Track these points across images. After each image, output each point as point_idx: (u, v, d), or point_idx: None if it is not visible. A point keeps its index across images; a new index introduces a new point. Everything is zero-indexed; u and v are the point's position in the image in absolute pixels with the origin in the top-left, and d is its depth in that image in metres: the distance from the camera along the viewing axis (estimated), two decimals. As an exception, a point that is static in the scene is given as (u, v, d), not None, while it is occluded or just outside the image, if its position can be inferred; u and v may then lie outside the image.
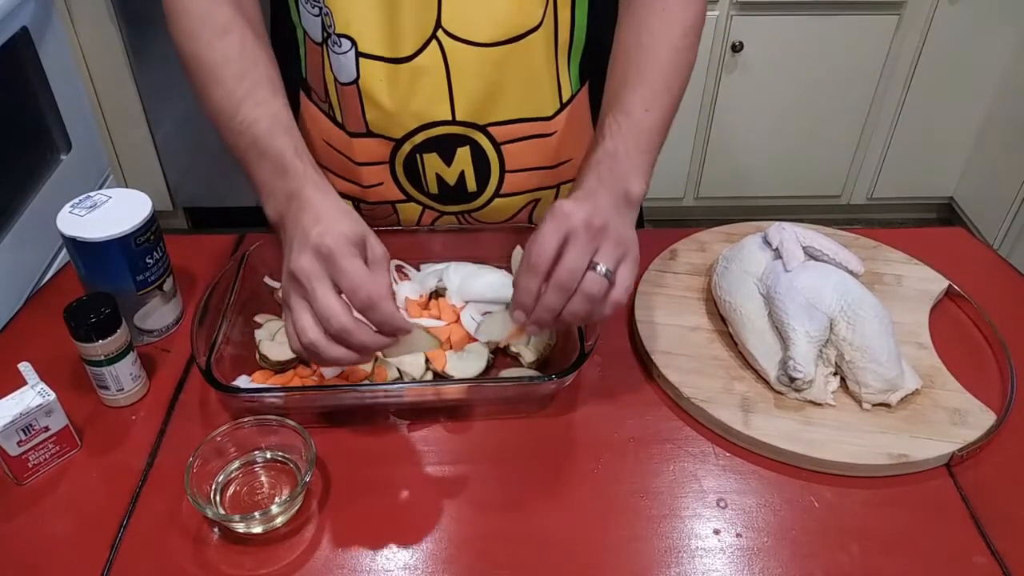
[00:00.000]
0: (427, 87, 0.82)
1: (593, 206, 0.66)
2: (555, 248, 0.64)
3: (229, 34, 0.75)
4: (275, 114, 0.73)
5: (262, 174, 0.72)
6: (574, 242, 0.64)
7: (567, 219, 0.64)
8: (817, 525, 0.67)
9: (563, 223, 0.64)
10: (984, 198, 2.36)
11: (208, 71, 0.74)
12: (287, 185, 0.69)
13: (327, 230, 0.63)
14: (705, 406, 0.75)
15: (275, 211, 0.70)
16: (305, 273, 0.62)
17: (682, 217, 2.50)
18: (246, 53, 0.75)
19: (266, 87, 0.74)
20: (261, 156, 0.71)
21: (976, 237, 1.05)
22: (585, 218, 0.64)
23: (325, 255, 0.62)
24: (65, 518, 0.68)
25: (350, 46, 0.80)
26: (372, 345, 0.63)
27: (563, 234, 0.64)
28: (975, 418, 0.74)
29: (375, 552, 0.65)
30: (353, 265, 0.62)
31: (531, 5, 0.79)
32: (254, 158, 0.72)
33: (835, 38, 2.15)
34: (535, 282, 0.65)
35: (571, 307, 0.66)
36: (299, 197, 0.67)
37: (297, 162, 0.70)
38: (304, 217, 0.65)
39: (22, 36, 1.56)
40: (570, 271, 0.64)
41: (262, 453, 0.71)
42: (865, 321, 0.77)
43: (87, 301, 0.72)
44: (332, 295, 0.62)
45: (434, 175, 0.89)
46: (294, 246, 0.64)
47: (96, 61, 2.14)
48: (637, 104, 0.74)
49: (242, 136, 0.72)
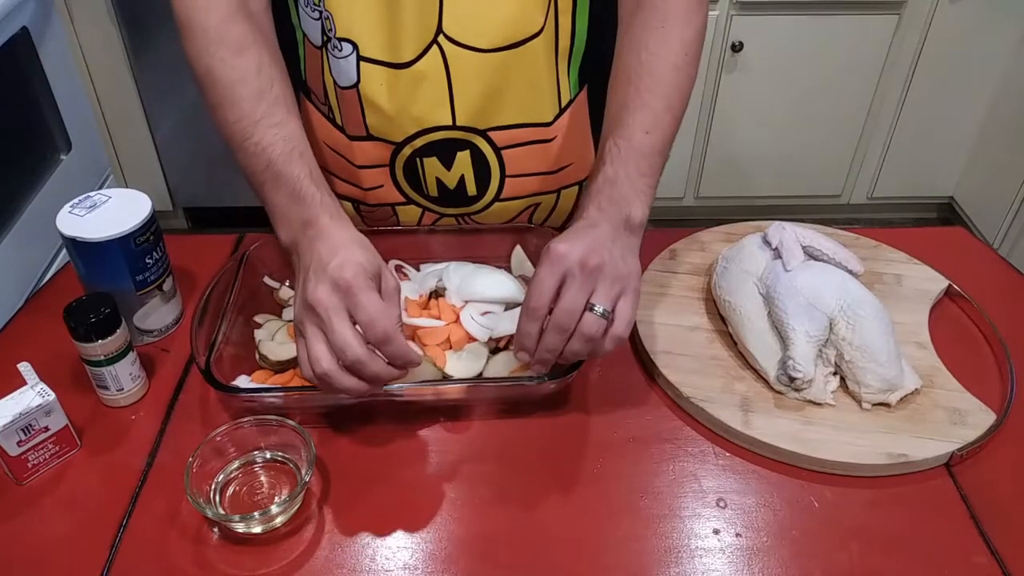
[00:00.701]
0: (428, 92, 0.82)
1: (590, 242, 0.67)
2: (552, 290, 0.66)
3: (246, 52, 0.75)
4: (290, 137, 0.73)
5: (276, 199, 0.72)
6: (570, 284, 0.66)
7: (562, 261, 0.66)
8: (817, 525, 0.67)
9: (559, 265, 0.66)
10: (984, 198, 2.36)
11: (224, 89, 0.74)
12: (302, 212, 0.70)
13: (345, 262, 0.64)
14: (705, 406, 0.75)
15: (289, 237, 0.71)
16: (323, 305, 0.63)
17: (682, 217, 2.50)
18: (262, 73, 0.75)
19: (282, 108, 0.74)
20: (276, 180, 0.72)
21: (976, 237, 1.05)
22: (580, 259, 0.66)
23: (344, 288, 0.63)
24: (65, 518, 0.68)
25: (351, 50, 0.80)
26: (384, 377, 0.65)
27: (559, 276, 0.66)
28: (975, 418, 0.74)
29: (375, 552, 0.65)
30: (370, 299, 0.63)
31: (533, 11, 0.79)
32: (268, 181, 0.72)
33: (835, 38, 2.15)
34: (535, 326, 0.68)
35: (571, 347, 0.67)
36: (314, 225, 0.68)
37: (313, 189, 0.71)
38: (320, 246, 0.66)
39: (22, 36, 1.56)
40: (567, 312, 0.66)
41: (262, 453, 0.71)
42: (865, 321, 0.77)
43: (87, 301, 0.72)
44: (348, 327, 0.63)
45: (434, 179, 0.89)
46: (310, 275, 0.65)
47: (96, 61, 2.14)
48: (637, 127, 0.74)
49: (256, 158, 0.73)
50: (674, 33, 0.77)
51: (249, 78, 0.74)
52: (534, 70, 0.83)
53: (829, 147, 2.38)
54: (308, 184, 0.71)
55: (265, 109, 0.73)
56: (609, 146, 0.74)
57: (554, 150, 0.89)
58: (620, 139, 0.74)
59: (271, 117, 0.73)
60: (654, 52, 0.77)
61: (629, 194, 0.72)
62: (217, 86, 0.74)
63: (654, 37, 0.77)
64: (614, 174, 0.73)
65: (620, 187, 0.72)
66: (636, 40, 0.78)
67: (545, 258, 0.67)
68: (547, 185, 0.92)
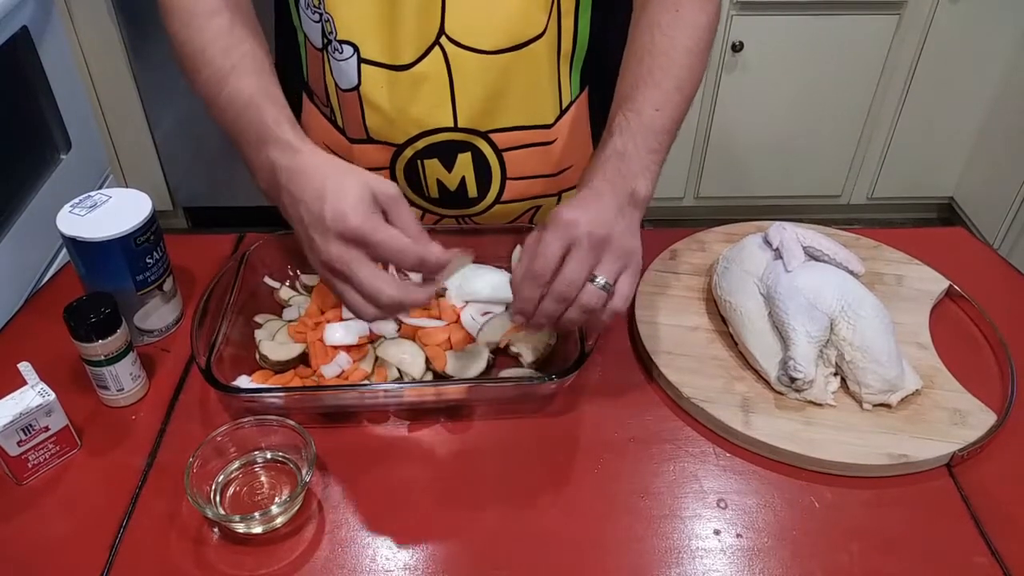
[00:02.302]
0: (429, 94, 0.81)
1: (597, 213, 0.66)
2: (558, 257, 0.65)
3: (217, 15, 0.75)
4: (257, 85, 0.72)
5: (247, 148, 0.71)
6: (576, 253, 0.65)
7: (570, 229, 0.65)
8: (817, 525, 0.67)
9: (566, 233, 0.65)
10: (984, 198, 2.36)
11: (197, 52, 0.74)
12: (269, 153, 0.68)
13: (339, 208, 0.62)
14: (705, 406, 0.75)
15: (264, 182, 0.69)
16: (341, 260, 0.62)
17: (682, 217, 2.50)
18: (233, 32, 0.74)
19: (250, 62, 0.73)
20: (244, 128, 0.70)
21: (976, 237, 1.05)
22: (589, 229, 0.65)
23: (353, 238, 0.62)
24: (65, 518, 0.68)
25: (352, 52, 0.80)
26: (425, 298, 0.66)
27: (566, 243, 0.65)
28: (975, 418, 0.74)
29: (375, 552, 0.65)
30: (385, 235, 0.62)
31: (535, 13, 0.79)
32: (239, 131, 0.71)
33: (835, 38, 2.15)
34: (536, 290, 0.66)
35: (568, 315, 0.67)
36: (284, 167, 0.66)
37: (275, 128, 0.68)
38: (304, 192, 0.64)
39: (22, 36, 1.56)
40: (570, 282, 0.65)
41: (262, 453, 0.71)
42: (865, 321, 0.77)
43: (87, 301, 0.72)
44: (374, 275, 0.62)
45: (435, 180, 0.89)
46: (313, 235, 0.64)
47: (96, 61, 2.14)
48: (648, 103, 0.74)
49: (227, 111, 0.71)
50: (688, 18, 0.78)
51: (220, 37, 0.74)
52: (536, 72, 0.83)
53: (829, 147, 2.38)
54: (272, 125, 0.68)
55: (233, 62, 0.72)
56: (619, 119, 0.73)
57: (555, 152, 0.89)
58: (630, 112, 0.73)
59: (239, 69, 0.72)
60: (667, 33, 0.77)
61: (636, 169, 0.71)
62: (192, 51, 0.74)
63: (669, 19, 0.77)
64: (623, 147, 0.72)
65: (628, 161, 0.71)
66: (650, 20, 0.78)
67: (552, 223, 0.66)
68: (548, 188, 0.92)
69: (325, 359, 0.77)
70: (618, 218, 0.67)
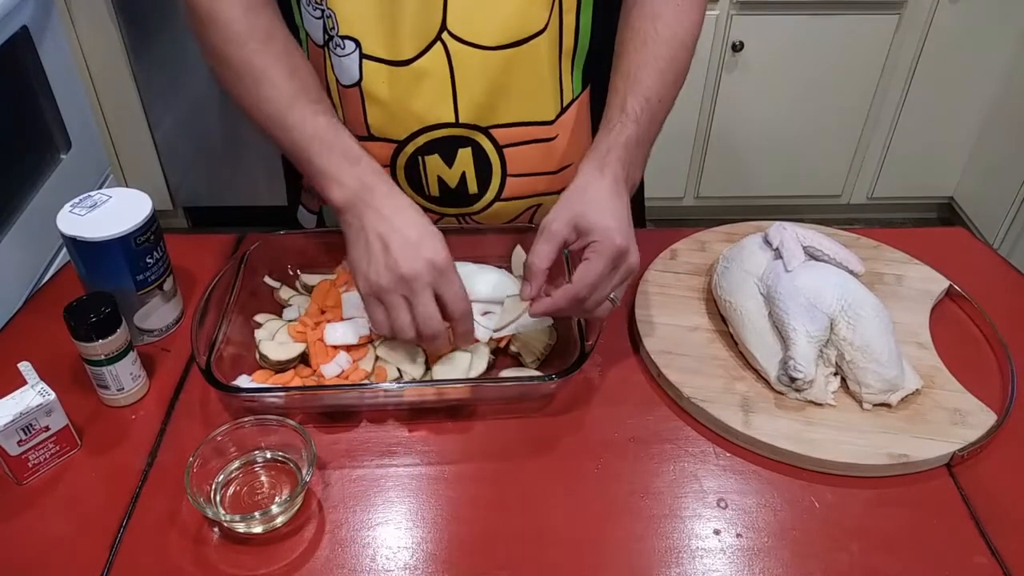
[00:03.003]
0: (430, 89, 0.82)
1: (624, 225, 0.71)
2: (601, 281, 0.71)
3: (273, 39, 0.78)
4: (329, 110, 0.78)
5: (329, 163, 0.75)
6: (613, 278, 0.71)
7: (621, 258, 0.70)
8: (817, 525, 0.67)
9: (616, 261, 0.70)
10: (984, 198, 2.36)
11: (258, 73, 0.77)
12: (360, 174, 0.74)
13: (435, 243, 0.71)
14: (705, 406, 0.75)
15: (344, 197, 0.74)
16: (421, 279, 0.70)
17: (682, 217, 2.50)
18: (292, 55, 0.79)
19: (315, 86, 0.80)
20: (326, 147, 0.75)
21: (976, 237, 1.05)
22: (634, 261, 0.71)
23: (440, 268, 0.70)
24: (65, 518, 0.68)
25: (354, 47, 0.80)
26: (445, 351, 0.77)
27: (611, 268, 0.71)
28: (975, 418, 0.74)
29: (375, 552, 0.65)
30: (457, 279, 0.72)
31: (537, 8, 0.79)
32: (319, 149, 0.75)
33: (835, 38, 2.15)
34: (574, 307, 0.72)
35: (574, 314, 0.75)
36: (376, 191, 0.74)
37: (366, 155, 0.76)
38: (397, 219, 0.72)
39: (22, 36, 1.56)
40: (598, 302, 0.72)
41: (262, 453, 0.71)
42: (866, 321, 0.77)
43: (87, 301, 0.72)
44: (434, 303, 0.71)
45: (435, 177, 0.89)
46: (395, 248, 0.70)
47: (96, 61, 2.14)
48: (654, 92, 0.78)
49: (298, 131, 0.76)
50: (686, 14, 0.81)
51: (281, 61, 0.78)
52: (537, 68, 0.83)
53: (829, 147, 2.38)
54: (360, 149, 0.76)
55: (300, 85, 0.77)
56: (631, 103, 0.77)
57: (556, 149, 0.89)
58: (642, 99, 0.77)
59: (308, 93, 0.78)
60: (670, 25, 0.80)
61: (639, 157, 0.77)
62: (252, 72, 0.77)
63: (670, 11, 0.80)
64: (636, 136, 0.76)
65: (638, 150, 0.77)
66: (652, 10, 0.81)
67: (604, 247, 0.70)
68: (549, 185, 0.92)
69: (325, 359, 0.77)
70: (631, 225, 0.72)
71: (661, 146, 0.85)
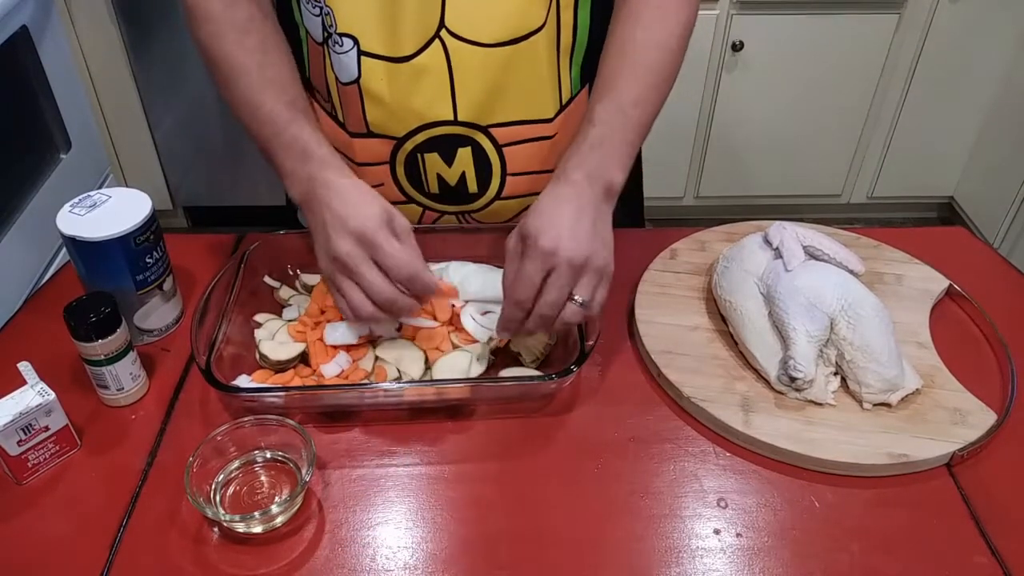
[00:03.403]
0: (429, 86, 0.82)
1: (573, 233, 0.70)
2: (538, 285, 0.70)
3: (250, 33, 0.80)
4: (292, 102, 0.80)
5: (287, 161, 0.78)
6: (555, 280, 0.70)
7: (549, 259, 0.69)
8: (817, 525, 0.67)
9: (545, 262, 0.69)
10: (984, 198, 2.35)
11: (232, 68, 0.80)
12: (310, 169, 0.77)
13: (361, 215, 0.72)
14: (705, 406, 0.75)
15: (300, 193, 0.78)
16: (351, 256, 0.71)
17: (682, 217, 2.50)
18: (267, 50, 0.81)
19: (288, 78, 0.81)
20: (285, 145, 0.78)
21: (976, 237, 1.05)
22: (568, 256, 0.69)
23: (366, 241, 0.71)
24: (65, 518, 0.68)
25: (352, 45, 0.80)
26: (414, 309, 0.75)
27: (546, 271, 0.70)
28: (975, 418, 0.74)
29: (375, 552, 0.65)
30: (392, 246, 0.71)
31: (535, 6, 0.80)
32: (278, 147, 0.79)
33: (835, 38, 2.15)
34: (521, 315, 0.72)
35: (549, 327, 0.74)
36: (322, 181, 0.75)
37: (316, 148, 0.78)
38: (335, 202, 0.73)
39: (22, 36, 1.56)
40: (552, 305, 0.70)
41: (262, 453, 0.71)
42: (866, 321, 0.77)
43: (87, 301, 0.72)
44: (376, 274, 0.72)
45: (435, 175, 0.89)
46: (330, 232, 0.72)
47: (96, 61, 2.14)
48: (629, 97, 0.78)
49: (265, 127, 0.79)
50: (670, 16, 0.81)
51: (255, 55, 0.80)
52: (536, 66, 0.83)
53: (829, 147, 2.38)
54: (314, 145, 0.78)
55: (270, 78, 0.80)
56: (599, 109, 0.77)
57: (556, 148, 0.89)
58: (611, 104, 0.77)
59: (274, 87, 0.80)
60: (650, 30, 0.80)
61: (613, 161, 0.76)
62: (227, 66, 0.80)
63: (651, 16, 0.81)
64: (601, 137, 0.76)
65: (607, 152, 0.75)
66: (633, 15, 0.81)
67: (532, 250, 0.70)
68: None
69: (325, 359, 0.77)
70: (594, 229, 0.71)
71: (661, 146, 0.85)
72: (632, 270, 0.91)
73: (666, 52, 0.80)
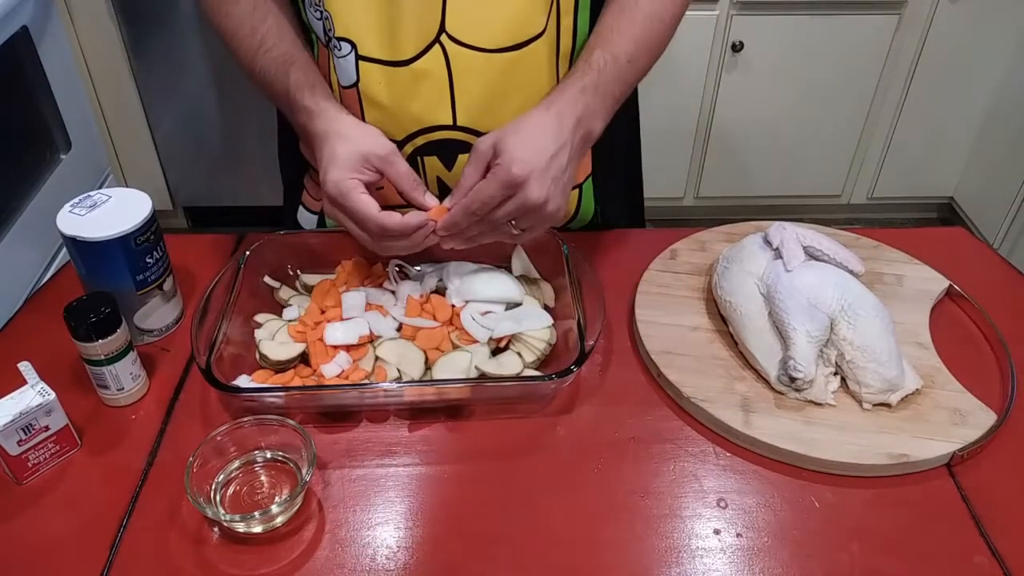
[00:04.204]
0: (428, 91, 0.82)
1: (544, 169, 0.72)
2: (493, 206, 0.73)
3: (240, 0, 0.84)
4: (281, 56, 0.83)
5: (288, 115, 0.84)
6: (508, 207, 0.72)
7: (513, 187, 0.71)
8: (817, 525, 0.67)
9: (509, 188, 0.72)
10: (984, 198, 2.35)
11: (230, 35, 0.85)
12: (298, 121, 0.82)
13: (329, 179, 0.75)
14: (705, 406, 0.75)
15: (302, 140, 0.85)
16: (330, 213, 0.78)
17: (682, 217, 2.50)
18: (256, 12, 0.84)
19: (273, 35, 0.84)
20: (281, 99, 0.83)
21: (976, 237, 1.05)
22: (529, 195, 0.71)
23: (335, 202, 0.76)
24: (65, 518, 0.68)
25: (350, 49, 0.81)
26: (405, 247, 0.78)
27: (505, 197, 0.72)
28: (975, 418, 0.74)
29: (375, 552, 0.65)
30: (353, 204, 0.74)
31: (535, 12, 0.80)
32: (276, 100, 0.85)
33: (835, 38, 2.14)
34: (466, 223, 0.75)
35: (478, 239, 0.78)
36: (309, 133, 0.80)
37: (298, 97, 0.81)
38: (321, 153, 0.77)
39: (22, 36, 1.56)
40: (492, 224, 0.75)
41: (262, 453, 0.71)
42: (866, 321, 0.77)
43: (87, 301, 0.72)
44: (352, 225, 0.76)
45: (435, 178, 0.89)
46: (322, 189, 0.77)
47: (96, 61, 2.14)
48: (623, 51, 0.80)
49: (265, 87, 0.84)
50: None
51: (245, 20, 0.84)
52: (536, 72, 0.83)
53: (829, 147, 2.38)
54: (295, 94, 0.81)
55: (260, 39, 0.84)
56: (597, 56, 0.79)
57: None
58: (608, 55, 0.79)
59: (264, 45, 0.83)
60: None
61: (599, 109, 0.79)
62: (225, 36, 0.86)
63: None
64: (596, 84, 0.78)
65: (596, 99, 0.78)
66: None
67: (500, 171, 0.71)
68: None
69: (325, 359, 0.77)
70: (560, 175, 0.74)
71: (661, 146, 0.86)
72: (632, 270, 0.92)
73: (660, 22, 0.83)
